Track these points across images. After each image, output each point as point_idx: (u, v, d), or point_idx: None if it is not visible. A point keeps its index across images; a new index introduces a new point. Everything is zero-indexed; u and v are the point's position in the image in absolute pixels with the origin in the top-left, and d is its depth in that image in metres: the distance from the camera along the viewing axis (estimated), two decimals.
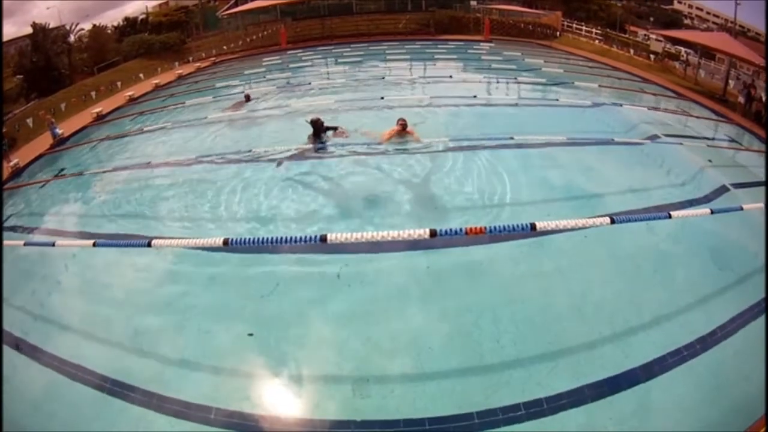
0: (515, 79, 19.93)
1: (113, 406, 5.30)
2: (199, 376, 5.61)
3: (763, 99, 17.19)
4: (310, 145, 11.34)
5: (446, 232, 4.54)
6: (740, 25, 29.83)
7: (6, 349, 6.15)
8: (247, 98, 17.57)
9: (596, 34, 31.71)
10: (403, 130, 11.05)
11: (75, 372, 5.81)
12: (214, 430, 4.93)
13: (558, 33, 32.36)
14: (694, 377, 5.31)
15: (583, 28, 32.32)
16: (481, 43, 29.87)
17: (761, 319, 6.07)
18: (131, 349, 6.10)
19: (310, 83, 20.07)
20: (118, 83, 24.71)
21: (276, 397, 5.38)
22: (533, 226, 4.76)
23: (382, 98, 15.65)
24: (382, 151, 10.89)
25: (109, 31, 33.79)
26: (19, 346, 6.37)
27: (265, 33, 33.63)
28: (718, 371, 5.44)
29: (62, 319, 6.91)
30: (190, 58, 31.16)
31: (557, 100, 16.00)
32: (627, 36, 33.57)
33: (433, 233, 4.53)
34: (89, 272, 7.91)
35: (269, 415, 5.08)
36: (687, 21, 38.99)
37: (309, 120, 11.37)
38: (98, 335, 6.43)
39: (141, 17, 35.71)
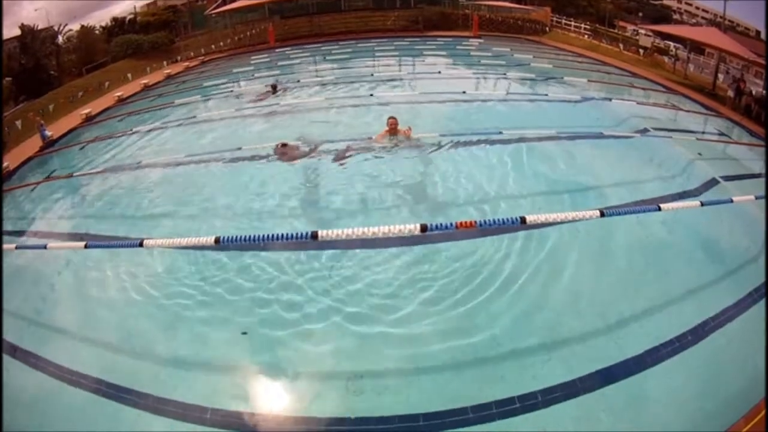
0: (504, 74, 19.93)
1: (108, 409, 5.25)
2: (193, 376, 5.59)
3: (753, 93, 17.33)
4: (299, 143, 11.32)
5: (437, 226, 4.55)
6: (729, 20, 30.10)
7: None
8: (274, 89, 17.42)
9: (585, 29, 31.83)
10: (394, 128, 10.99)
11: (69, 376, 5.76)
12: (210, 429, 4.91)
13: (547, 29, 32.49)
14: (687, 368, 5.34)
15: (572, 23, 32.42)
16: (470, 40, 29.86)
17: (753, 310, 6.13)
18: (125, 351, 6.06)
19: (298, 81, 20.03)
20: (107, 84, 24.55)
21: (270, 395, 5.37)
22: (523, 220, 4.78)
23: (372, 95, 15.62)
24: (372, 149, 10.87)
25: (97, 32, 33.68)
26: (13, 350, 6.31)
27: (254, 31, 33.53)
28: (711, 362, 5.47)
29: (54, 322, 6.86)
30: (179, 58, 31.01)
31: (547, 95, 16.01)
32: (616, 31, 33.81)
33: (423, 228, 4.54)
34: (81, 274, 7.85)
35: (264, 414, 5.06)
36: (676, 16, 39.31)
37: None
38: (91, 338, 6.39)
39: (129, 17, 35.56)
